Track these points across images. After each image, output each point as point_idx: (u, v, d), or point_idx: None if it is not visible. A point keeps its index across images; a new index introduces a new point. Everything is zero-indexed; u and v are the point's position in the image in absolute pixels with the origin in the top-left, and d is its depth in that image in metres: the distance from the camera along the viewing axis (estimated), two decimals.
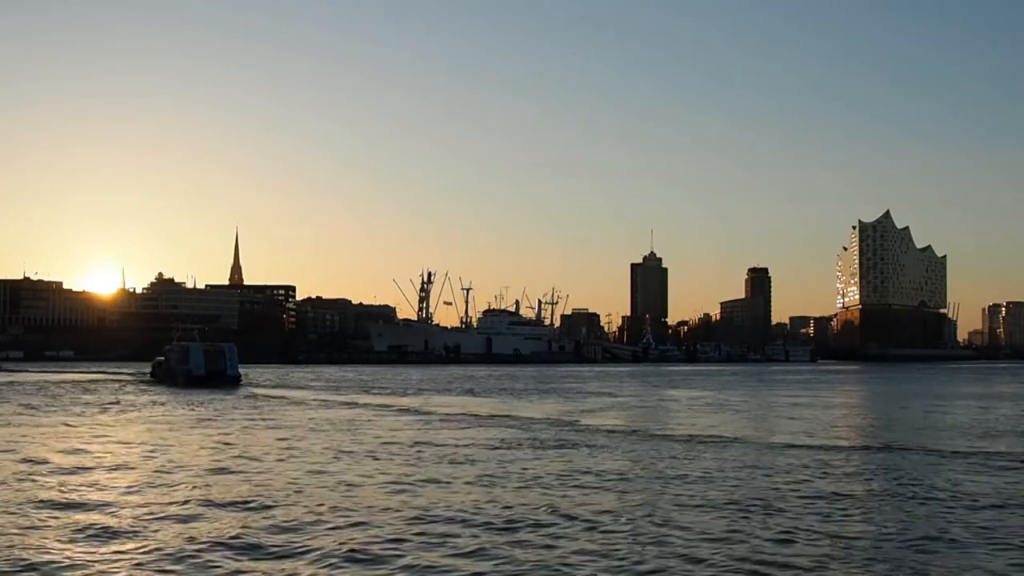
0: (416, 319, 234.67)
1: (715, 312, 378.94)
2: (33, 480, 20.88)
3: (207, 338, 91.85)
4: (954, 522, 16.00)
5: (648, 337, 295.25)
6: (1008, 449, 27.74)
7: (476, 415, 42.33)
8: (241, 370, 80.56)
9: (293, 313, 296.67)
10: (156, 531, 15.07)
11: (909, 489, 19.57)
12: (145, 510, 16.88)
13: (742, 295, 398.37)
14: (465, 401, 55.64)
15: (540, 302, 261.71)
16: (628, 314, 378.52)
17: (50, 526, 15.48)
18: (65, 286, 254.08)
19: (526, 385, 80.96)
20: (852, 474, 22.41)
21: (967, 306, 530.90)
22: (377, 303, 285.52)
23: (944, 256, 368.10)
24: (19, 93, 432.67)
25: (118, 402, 52.66)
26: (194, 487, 19.69)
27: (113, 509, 17.02)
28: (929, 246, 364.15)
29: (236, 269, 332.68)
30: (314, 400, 55.64)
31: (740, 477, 21.43)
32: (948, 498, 18.43)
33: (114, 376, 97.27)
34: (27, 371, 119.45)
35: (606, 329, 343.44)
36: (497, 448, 27.67)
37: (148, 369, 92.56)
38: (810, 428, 36.33)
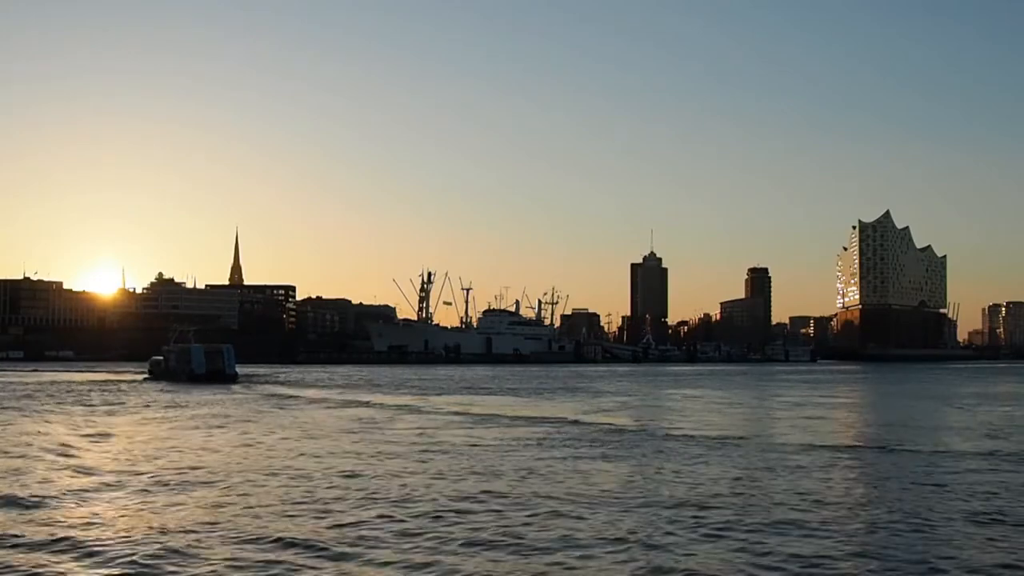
0: (416, 319, 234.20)
1: (715, 312, 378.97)
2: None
3: (203, 339, 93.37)
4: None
5: (648, 337, 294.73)
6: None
7: (524, 417, 41.41)
8: (239, 369, 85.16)
9: (293, 313, 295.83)
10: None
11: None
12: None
13: (742, 295, 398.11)
14: (513, 401, 55.19)
15: (540, 302, 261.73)
16: (628, 314, 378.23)
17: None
18: (65, 286, 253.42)
19: (538, 385, 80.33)
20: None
21: (967, 306, 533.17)
22: (377, 303, 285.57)
23: (944, 256, 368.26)
24: (19, 93, 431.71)
25: (147, 406, 51.45)
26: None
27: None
28: (929, 246, 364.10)
29: (236, 269, 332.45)
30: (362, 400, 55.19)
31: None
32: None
33: (120, 376, 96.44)
34: (55, 370, 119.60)
35: (606, 329, 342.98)
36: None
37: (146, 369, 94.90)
38: (840, 428, 36.57)
